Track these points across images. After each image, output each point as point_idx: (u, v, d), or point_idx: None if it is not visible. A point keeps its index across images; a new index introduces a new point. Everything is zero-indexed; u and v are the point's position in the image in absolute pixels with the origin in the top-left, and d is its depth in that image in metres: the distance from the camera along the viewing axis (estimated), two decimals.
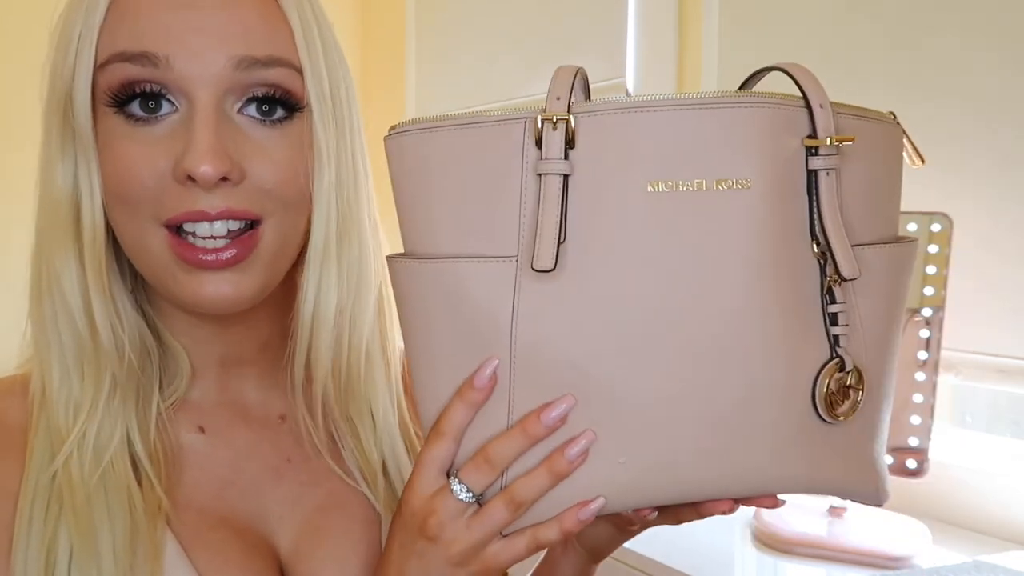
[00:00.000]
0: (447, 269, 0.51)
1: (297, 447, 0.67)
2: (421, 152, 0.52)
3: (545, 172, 0.50)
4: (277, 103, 0.57)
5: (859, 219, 0.54)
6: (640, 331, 0.50)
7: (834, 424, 0.53)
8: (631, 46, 1.78)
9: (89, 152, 0.56)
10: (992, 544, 1.18)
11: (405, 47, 2.52)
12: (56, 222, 0.58)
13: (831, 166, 0.51)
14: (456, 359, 0.52)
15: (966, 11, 1.22)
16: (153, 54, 0.54)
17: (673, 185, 0.50)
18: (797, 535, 1.13)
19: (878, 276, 0.54)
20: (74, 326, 0.59)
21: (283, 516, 0.64)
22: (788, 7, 1.45)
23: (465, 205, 0.51)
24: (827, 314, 0.53)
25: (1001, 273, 1.18)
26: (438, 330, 0.52)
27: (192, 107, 0.55)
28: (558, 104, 0.50)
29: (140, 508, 0.57)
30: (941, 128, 1.24)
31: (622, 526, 0.64)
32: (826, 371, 0.52)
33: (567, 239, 0.50)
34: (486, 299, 0.51)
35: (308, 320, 0.62)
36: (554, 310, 0.50)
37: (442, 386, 0.53)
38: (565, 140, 0.50)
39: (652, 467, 0.51)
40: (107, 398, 0.59)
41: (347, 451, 0.66)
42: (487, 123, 0.51)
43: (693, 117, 0.50)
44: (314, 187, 0.59)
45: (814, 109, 0.51)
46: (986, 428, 1.34)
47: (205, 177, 0.53)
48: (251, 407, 0.67)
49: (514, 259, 0.50)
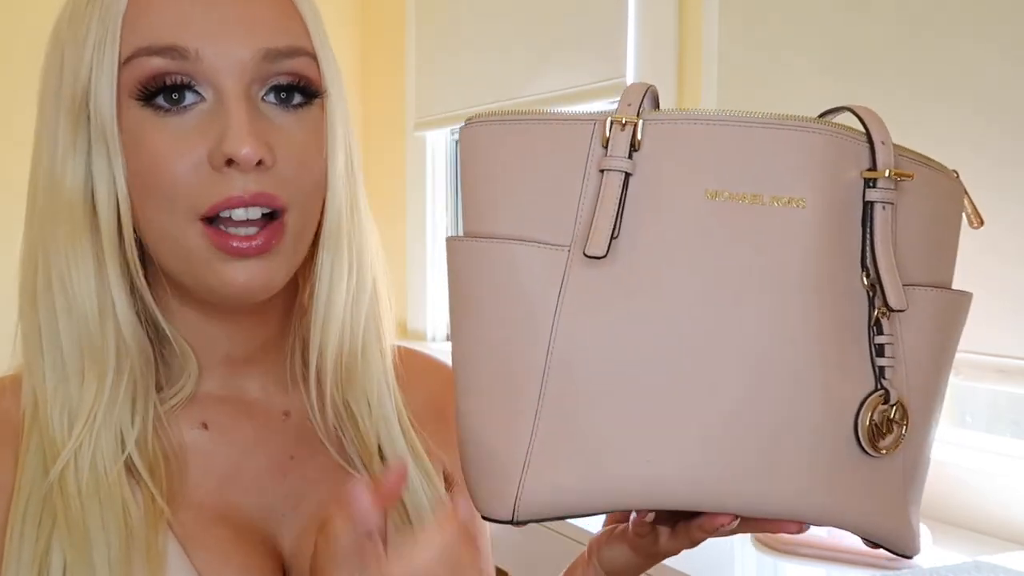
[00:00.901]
0: (503, 249, 0.53)
1: (301, 443, 0.67)
2: (493, 142, 0.55)
3: (607, 168, 0.52)
4: (295, 90, 0.59)
5: (911, 259, 0.55)
6: (680, 334, 0.51)
7: (875, 458, 0.53)
8: (631, 46, 1.78)
9: (113, 147, 0.56)
10: (992, 544, 1.18)
11: (405, 45, 2.52)
12: (66, 220, 0.58)
13: (887, 200, 0.53)
14: (498, 338, 0.54)
15: (967, 11, 1.22)
16: (183, 47, 0.55)
17: (730, 195, 0.52)
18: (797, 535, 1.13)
19: (925, 318, 0.55)
20: (80, 328, 0.58)
21: (286, 513, 0.64)
22: (788, 7, 1.45)
23: (528, 194, 0.54)
24: (873, 345, 0.53)
25: (1001, 273, 1.18)
26: (486, 308, 0.54)
27: (221, 95, 0.56)
28: (629, 109, 0.53)
29: (136, 518, 0.57)
30: (941, 127, 1.24)
31: (637, 546, 0.63)
32: (870, 402, 0.52)
33: (620, 236, 0.52)
34: (535, 282, 0.53)
35: (323, 307, 0.63)
36: (599, 303, 0.52)
37: (482, 363, 0.55)
38: (631, 142, 0.52)
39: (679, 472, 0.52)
40: (106, 405, 0.58)
41: (347, 439, 0.67)
42: (560, 121, 0.54)
43: (756, 134, 0.52)
44: (329, 173, 0.61)
45: (876, 144, 0.53)
46: (986, 428, 1.34)
47: (247, 159, 0.54)
48: (254, 403, 0.67)
49: (567, 248, 0.53)
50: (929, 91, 1.25)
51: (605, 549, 0.66)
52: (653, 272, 0.52)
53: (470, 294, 0.55)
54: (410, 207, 2.52)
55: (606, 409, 0.52)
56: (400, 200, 2.55)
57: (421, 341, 2.45)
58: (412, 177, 2.52)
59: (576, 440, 0.53)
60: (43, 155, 0.59)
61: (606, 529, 0.67)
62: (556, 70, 1.97)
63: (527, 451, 0.53)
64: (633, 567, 0.65)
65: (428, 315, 2.49)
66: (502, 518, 0.54)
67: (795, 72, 1.44)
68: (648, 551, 0.63)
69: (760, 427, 0.51)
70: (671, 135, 0.53)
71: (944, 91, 1.24)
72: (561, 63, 1.96)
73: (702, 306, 0.51)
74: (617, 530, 0.65)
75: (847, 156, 0.53)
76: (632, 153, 0.52)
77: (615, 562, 0.66)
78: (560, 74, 1.96)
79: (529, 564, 1.48)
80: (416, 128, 2.47)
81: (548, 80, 1.99)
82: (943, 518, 1.25)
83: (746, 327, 0.51)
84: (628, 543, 0.64)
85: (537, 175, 0.54)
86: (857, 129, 0.54)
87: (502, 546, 1.57)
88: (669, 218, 0.52)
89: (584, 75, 1.89)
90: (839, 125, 0.53)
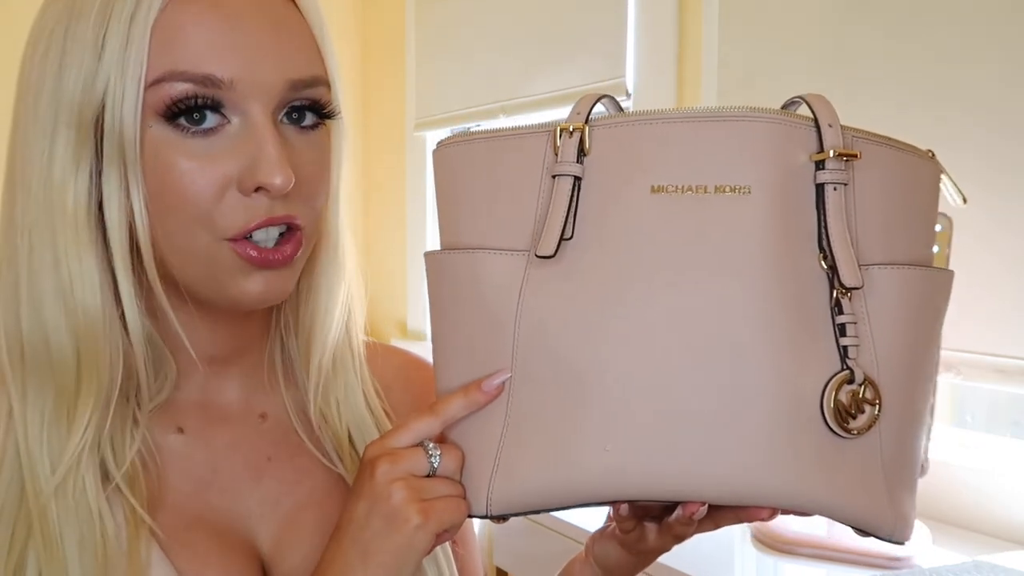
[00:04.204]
0: (468, 258, 0.57)
1: (278, 445, 0.67)
2: (459, 160, 0.59)
3: (558, 173, 0.55)
4: (309, 111, 0.60)
5: (874, 239, 0.55)
6: (636, 326, 0.53)
7: (847, 439, 0.53)
8: (631, 46, 1.78)
9: (132, 165, 0.56)
10: (992, 544, 1.18)
11: (405, 45, 2.52)
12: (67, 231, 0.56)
13: (838, 180, 0.53)
14: (469, 342, 0.58)
15: (965, 12, 1.22)
16: (219, 78, 0.55)
17: (675, 188, 0.54)
18: (797, 535, 1.14)
19: (891, 296, 0.55)
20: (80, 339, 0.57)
21: (264, 515, 0.64)
22: (788, 7, 1.45)
23: (491, 204, 0.57)
24: (836, 325, 0.54)
25: (1001, 273, 1.18)
26: (456, 314, 0.58)
27: (249, 121, 0.57)
28: (578, 117, 0.56)
29: (112, 534, 0.57)
30: (941, 128, 1.24)
31: (626, 543, 0.64)
32: (834, 382, 0.53)
33: (575, 236, 0.55)
34: (497, 287, 0.56)
35: (323, 314, 0.66)
36: (555, 302, 0.55)
37: (459, 367, 0.58)
38: (579, 147, 0.55)
39: (635, 458, 0.53)
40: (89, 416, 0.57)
41: (325, 436, 0.68)
42: (515, 135, 0.57)
43: (699, 128, 0.54)
44: (332, 189, 0.63)
45: (822, 127, 0.54)
46: (986, 428, 1.34)
47: (281, 189, 0.56)
48: (231, 406, 0.67)
49: (526, 253, 0.56)
50: (928, 92, 1.25)
51: (599, 547, 0.67)
52: (603, 269, 0.54)
53: (442, 302, 0.59)
54: (410, 207, 2.52)
55: (566, 403, 0.54)
56: (400, 200, 2.55)
57: (421, 341, 2.45)
58: (412, 177, 2.52)
59: (541, 434, 0.55)
60: (32, 166, 0.57)
61: (601, 527, 0.68)
62: (556, 70, 1.97)
63: (498, 447, 0.56)
64: (626, 564, 0.66)
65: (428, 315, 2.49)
66: (478, 513, 0.56)
67: (795, 73, 1.44)
68: (637, 548, 0.64)
69: (716, 412, 0.52)
70: (617, 137, 0.55)
71: (943, 92, 1.24)
72: (561, 63, 1.96)
73: (657, 298, 0.53)
74: (609, 529, 0.66)
75: (794, 142, 0.54)
76: (581, 158, 0.55)
77: (608, 559, 0.67)
78: (560, 74, 1.96)
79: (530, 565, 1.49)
80: (416, 128, 2.46)
81: (548, 80, 1.99)
82: (943, 518, 1.25)
83: (697, 314, 0.53)
84: (618, 540, 0.65)
85: (500, 186, 0.57)
86: (807, 116, 0.55)
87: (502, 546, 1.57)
88: (616, 217, 0.54)
89: (584, 75, 1.89)
90: (783, 112, 0.54)
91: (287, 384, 0.68)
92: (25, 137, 0.58)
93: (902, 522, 0.56)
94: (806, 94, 0.57)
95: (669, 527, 0.60)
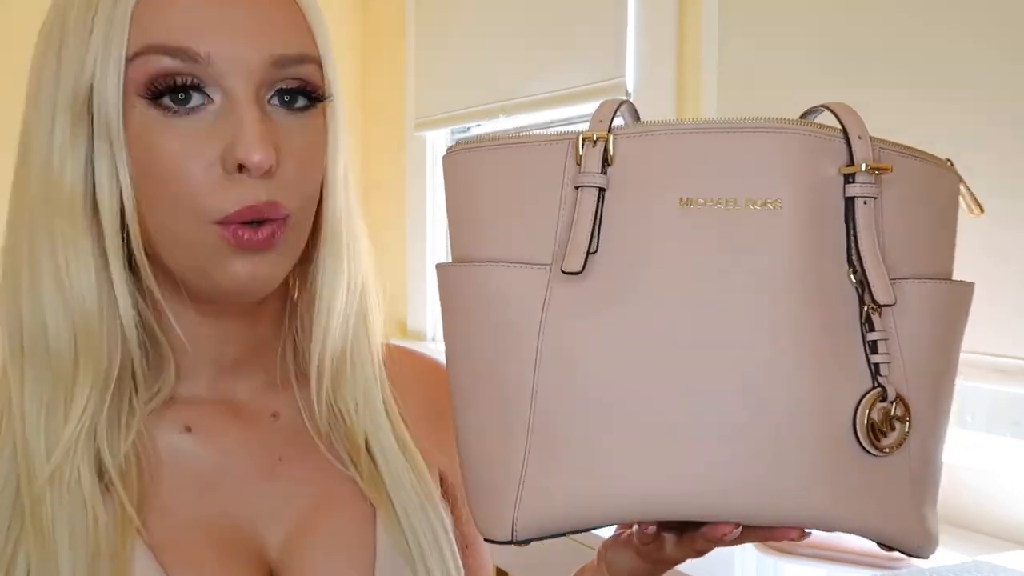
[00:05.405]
0: (486, 272, 0.54)
1: (290, 444, 0.66)
2: (473, 168, 0.56)
3: (582, 185, 0.53)
4: (300, 94, 0.59)
5: (902, 252, 0.54)
6: (664, 344, 0.51)
7: (878, 458, 0.52)
8: (631, 46, 1.78)
9: (118, 145, 0.56)
10: (992, 544, 1.18)
11: (405, 45, 2.52)
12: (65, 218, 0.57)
13: (869, 194, 0.52)
14: (488, 359, 0.55)
15: (965, 9, 1.22)
16: (194, 51, 0.55)
17: (704, 202, 0.52)
18: None
19: (921, 312, 0.54)
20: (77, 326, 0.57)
21: (274, 516, 0.63)
22: (788, 6, 1.45)
23: (508, 216, 0.54)
24: (867, 342, 0.52)
25: (1001, 273, 1.18)
26: (474, 331, 0.55)
27: (231, 99, 0.56)
28: (600, 125, 0.53)
29: (104, 527, 0.56)
30: (940, 126, 1.24)
31: (643, 553, 0.63)
32: (867, 400, 0.52)
33: (599, 251, 0.52)
34: (519, 302, 0.53)
35: (325, 309, 0.64)
36: (581, 319, 0.52)
37: (475, 385, 0.55)
38: (603, 157, 0.53)
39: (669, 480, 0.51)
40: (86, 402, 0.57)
41: (337, 437, 0.66)
42: (533, 143, 0.54)
43: (728, 140, 0.52)
44: (329, 176, 0.62)
45: (852, 138, 0.52)
46: (986, 428, 1.34)
47: (259, 166, 0.55)
48: (242, 405, 0.66)
49: (548, 267, 0.53)
50: (929, 91, 1.25)
51: (612, 554, 0.66)
52: (632, 285, 0.52)
53: (459, 318, 0.56)
54: (410, 207, 2.52)
55: (595, 423, 0.52)
56: (400, 200, 2.55)
57: (421, 341, 2.45)
58: (412, 177, 2.52)
59: (568, 456, 0.52)
60: (35, 153, 0.58)
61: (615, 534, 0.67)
62: (556, 70, 1.97)
63: (522, 470, 0.53)
64: (640, 573, 0.65)
65: (428, 315, 2.49)
66: (502, 539, 0.54)
67: (795, 73, 1.44)
68: (654, 558, 0.62)
69: (755, 433, 0.50)
70: (643, 148, 0.53)
71: (945, 90, 1.23)
72: (561, 63, 1.96)
73: (685, 315, 0.51)
74: (624, 535, 0.65)
75: (824, 154, 0.52)
76: (605, 168, 0.53)
77: (622, 567, 0.65)
78: (560, 74, 1.96)
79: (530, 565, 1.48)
80: (416, 128, 2.46)
81: (548, 80, 1.99)
82: (943, 518, 1.24)
83: (732, 331, 0.51)
84: (634, 549, 0.63)
85: (517, 197, 0.54)
86: (834, 127, 0.53)
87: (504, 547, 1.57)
88: (645, 230, 0.52)
89: (584, 75, 1.89)
90: (813, 123, 0.53)
91: (300, 384, 0.67)
92: (29, 123, 0.58)
93: (929, 538, 0.55)
94: (830, 103, 0.55)
95: (691, 540, 0.58)
